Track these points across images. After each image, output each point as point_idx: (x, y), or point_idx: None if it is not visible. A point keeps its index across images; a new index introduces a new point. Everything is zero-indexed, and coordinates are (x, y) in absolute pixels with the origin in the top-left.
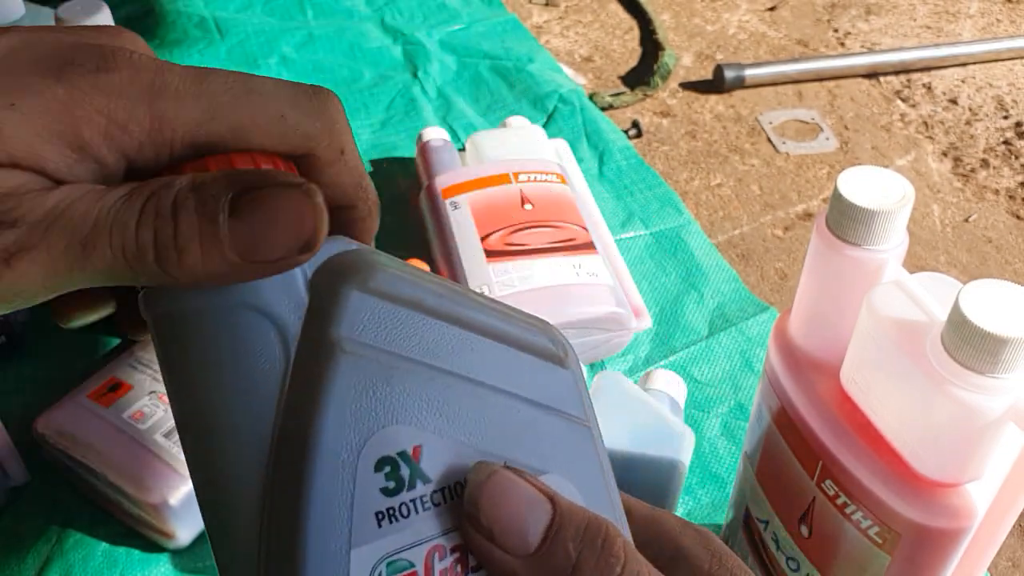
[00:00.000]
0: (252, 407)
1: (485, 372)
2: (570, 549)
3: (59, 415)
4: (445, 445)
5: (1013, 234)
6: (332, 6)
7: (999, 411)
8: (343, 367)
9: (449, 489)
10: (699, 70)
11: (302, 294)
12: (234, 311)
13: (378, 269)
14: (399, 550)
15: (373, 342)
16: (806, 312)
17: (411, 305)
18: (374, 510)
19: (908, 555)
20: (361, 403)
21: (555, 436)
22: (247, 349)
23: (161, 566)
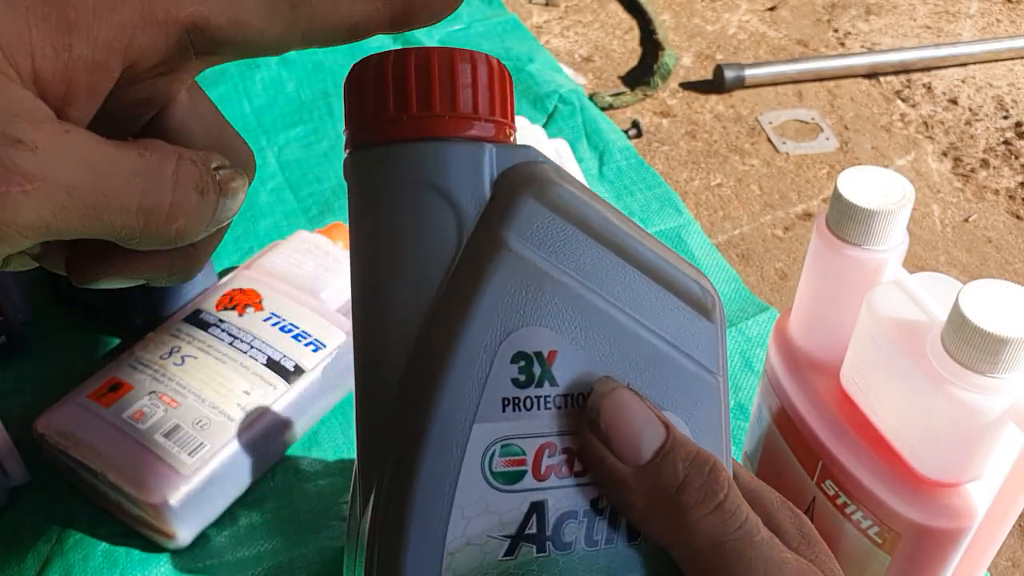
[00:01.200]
0: (421, 276)
1: (631, 303)
2: (679, 469)
3: (59, 415)
4: (578, 357)
5: (1013, 234)
6: None
7: (999, 411)
8: (505, 263)
9: (572, 397)
10: (699, 70)
11: (485, 191)
12: (423, 189)
13: (557, 185)
14: (515, 436)
15: (537, 249)
16: (806, 312)
17: (578, 224)
18: (502, 395)
19: (908, 555)
20: (514, 299)
21: (683, 380)
22: (428, 225)
23: (161, 566)
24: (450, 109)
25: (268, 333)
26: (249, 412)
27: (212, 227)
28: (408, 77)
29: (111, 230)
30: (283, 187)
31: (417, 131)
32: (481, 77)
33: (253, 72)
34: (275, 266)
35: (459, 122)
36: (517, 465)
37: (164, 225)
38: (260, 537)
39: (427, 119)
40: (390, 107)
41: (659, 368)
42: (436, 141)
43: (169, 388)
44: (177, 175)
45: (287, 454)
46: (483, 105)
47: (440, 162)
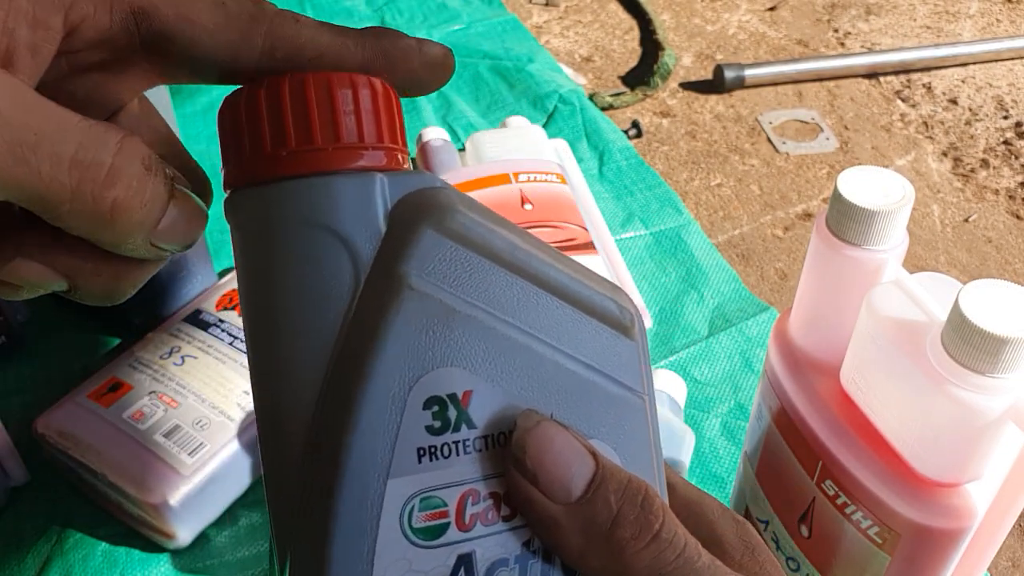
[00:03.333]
0: (316, 324)
1: (546, 330)
2: (611, 502)
3: (59, 415)
4: (495, 395)
5: (1013, 234)
6: (332, 6)
7: (999, 411)
8: (407, 303)
9: (493, 438)
10: (699, 70)
11: (380, 224)
12: (313, 230)
13: (457, 212)
14: (434, 487)
15: (440, 283)
16: (806, 312)
17: (483, 252)
18: (416, 445)
19: (908, 555)
20: (420, 340)
21: (608, 404)
22: (319, 268)
23: (161, 566)
24: (333, 140)
25: None
26: (249, 412)
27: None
28: (283, 108)
29: (36, 180)
30: None
31: (299, 167)
32: (364, 102)
33: None
34: None
35: (344, 153)
36: (439, 518)
37: (100, 190)
38: (260, 537)
39: (308, 153)
40: (267, 143)
41: (582, 395)
42: (320, 176)
43: (169, 388)
44: (122, 144)
45: None
46: (368, 132)
47: (327, 198)
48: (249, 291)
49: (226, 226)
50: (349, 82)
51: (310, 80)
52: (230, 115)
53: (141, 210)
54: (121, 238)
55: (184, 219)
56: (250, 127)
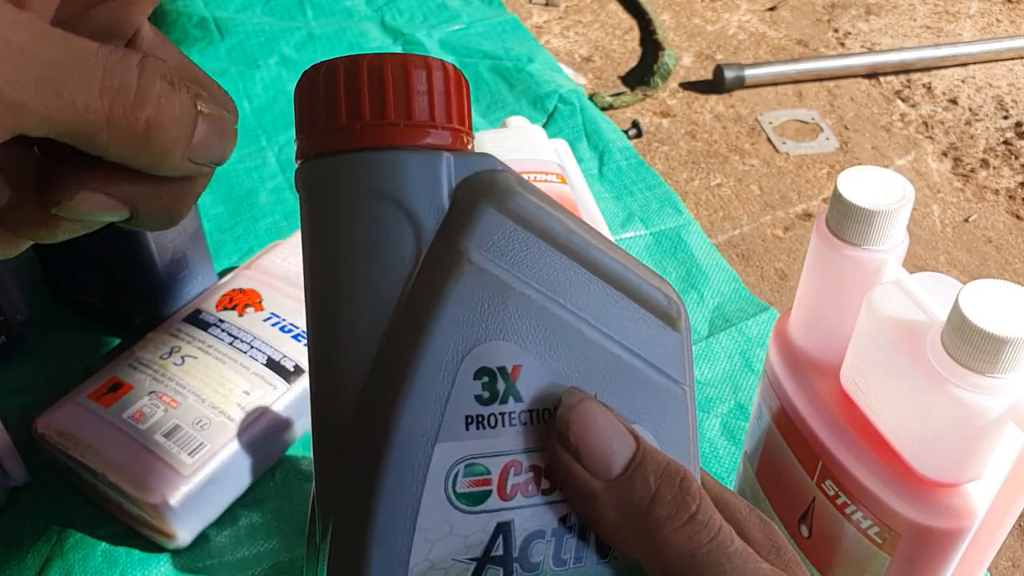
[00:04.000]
0: (378, 290)
1: (596, 314)
2: (650, 481)
3: (59, 415)
4: (543, 371)
5: (1013, 234)
6: (332, 6)
7: (999, 411)
8: (466, 276)
9: (538, 412)
10: (699, 70)
11: (443, 201)
12: (379, 200)
13: (517, 194)
14: (479, 455)
15: (498, 260)
16: (806, 312)
17: (540, 234)
18: (465, 413)
19: (908, 555)
20: (475, 313)
21: (650, 391)
22: (384, 237)
23: (161, 566)
24: (405, 117)
25: (268, 333)
26: (249, 412)
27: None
28: (361, 84)
29: (72, 112)
30: (283, 187)
31: (371, 140)
32: (437, 83)
33: (253, 72)
34: (275, 266)
35: (415, 130)
36: (482, 485)
37: (132, 112)
38: (260, 537)
39: (381, 128)
40: (342, 116)
41: (626, 380)
42: (391, 150)
43: (169, 388)
44: (143, 65)
45: (287, 454)
46: (439, 112)
47: (396, 172)
48: (314, 256)
49: (225, 226)
50: (424, 64)
51: (387, 59)
52: (308, 88)
53: (173, 126)
54: (160, 158)
55: (216, 132)
56: (327, 100)
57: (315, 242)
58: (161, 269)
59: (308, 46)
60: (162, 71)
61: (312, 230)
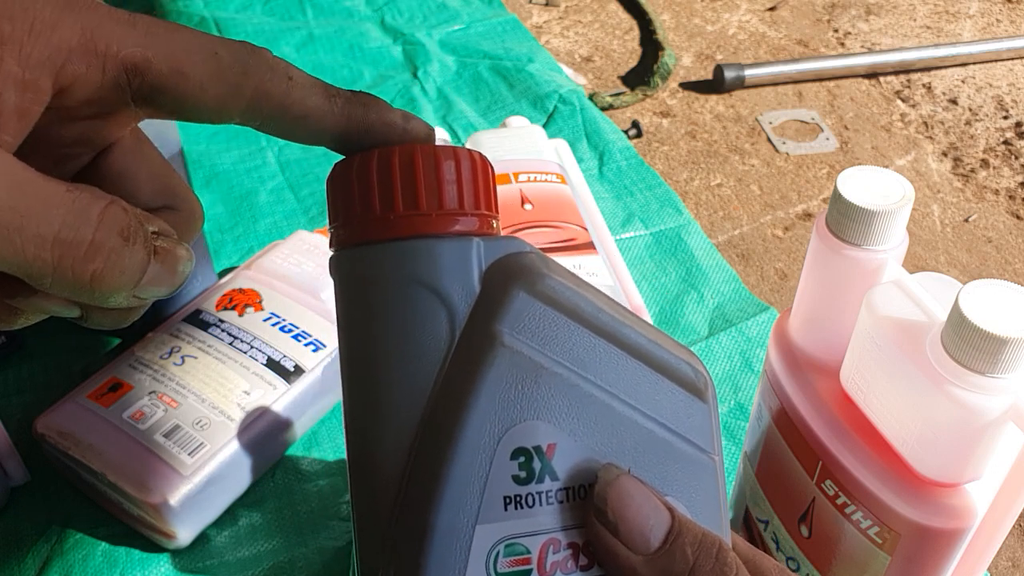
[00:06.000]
0: (414, 375)
1: (626, 390)
2: (688, 553)
3: (59, 415)
4: (577, 449)
5: (1013, 234)
6: (332, 6)
7: (999, 411)
8: (500, 359)
9: (574, 490)
10: (699, 70)
11: (475, 285)
12: (413, 286)
13: (546, 276)
14: (519, 535)
15: (530, 342)
16: (806, 312)
17: (570, 314)
18: (503, 494)
19: (908, 555)
20: (510, 394)
21: (681, 463)
22: (418, 322)
23: (161, 566)
24: (436, 207)
25: (268, 333)
26: (249, 412)
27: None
28: (393, 176)
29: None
30: (283, 187)
31: (405, 230)
32: (465, 172)
33: None
34: (275, 266)
35: (446, 219)
36: (522, 564)
37: (80, 264)
38: (260, 537)
39: (414, 218)
40: (376, 207)
41: (657, 452)
42: (424, 239)
43: (169, 388)
44: (103, 216)
45: (287, 454)
46: (468, 200)
47: (429, 259)
48: (351, 341)
49: (225, 226)
50: (453, 155)
51: (418, 152)
52: (341, 181)
53: (120, 277)
54: (103, 300)
55: (167, 271)
56: (361, 192)
57: (352, 328)
58: None
59: (308, 46)
60: (120, 225)
61: (348, 316)
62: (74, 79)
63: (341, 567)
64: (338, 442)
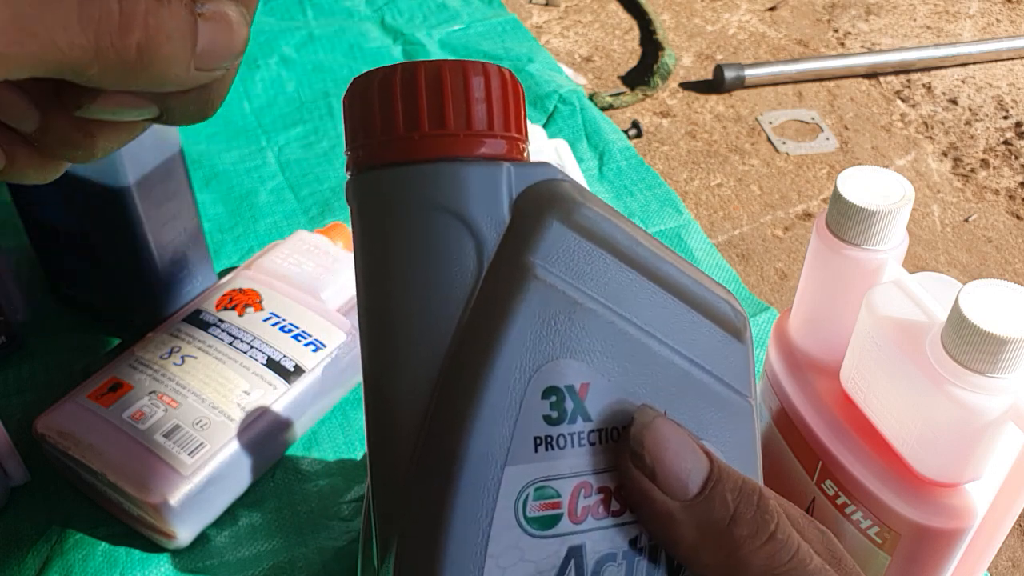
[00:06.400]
0: (438, 309)
1: (663, 328)
2: (728, 500)
3: (59, 415)
4: (611, 389)
5: (1013, 234)
6: (332, 6)
7: (999, 411)
8: (533, 292)
9: (607, 432)
10: (699, 70)
11: (505, 214)
12: (439, 213)
13: (581, 205)
14: (549, 477)
15: (564, 275)
16: (806, 312)
17: (606, 247)
18: (534, 434)
19: (908, 555)
20: (542, 330)
21: (717, 406)
22: (444, 252)
23: (161, 566)
24: (464, 127)
25: (268, 333)
26: (249, 412)
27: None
28: (419, 93)
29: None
30: (283, 187)
31: (430, 151)
32: (495, 90)
33: (253, 72)
34: (275, 266)
35: (474, 140)
36: (552, 509)
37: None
38: (260, 537)
39: (440, 138)
40: (400, 126)
41: (694, 394)
42: (451, 162)
43: (169, 388)
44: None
45: (287, 454)
46: (498, 121)
47: (457, 184)
48: (370, 273)
49: (225, 226)
50: (482, 71)
51: (445, 67)
52: (360, 97)
53: (169, 44)
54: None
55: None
56: (383, 109)
57: (370, 258)
58: (161, 269)
59: (308, 46)
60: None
61: (367, 245)
62: None
63: (341, 567)
64: (338, 442)
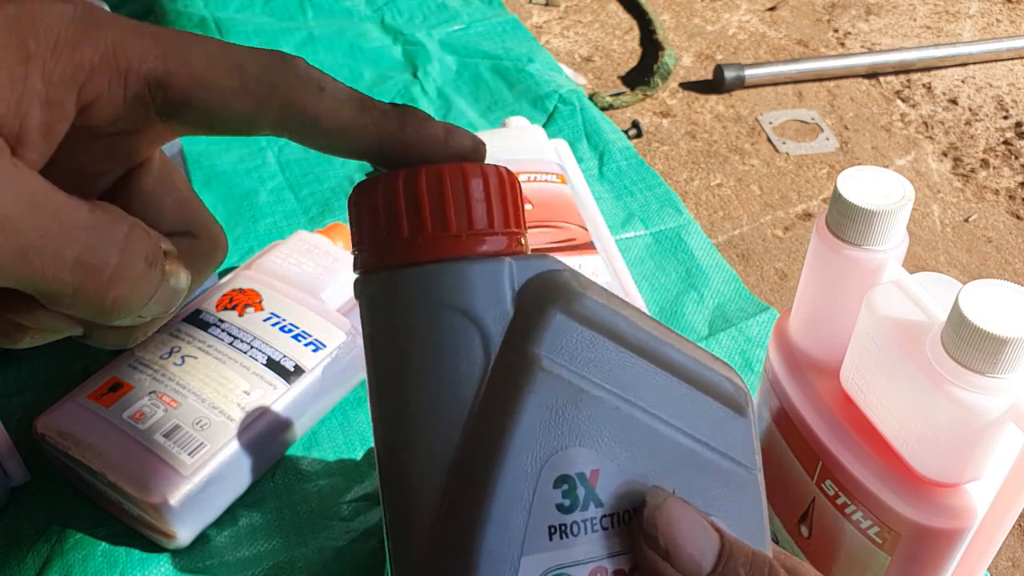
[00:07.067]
0: (449, 402)
1: (667, 409)
2: (741, 575)
3: (59, 415)
4: (620, 472)
5: (1013, 234)
6: (332, 6)
7: (999, 411)
8: (539, 384)
9: (618, 516)
10: (699, 70)
11: (508, 307)
12: (445, 310)
13: (582, 294)
14: (565, 565)
15: (569, 365)
16: (806, 312)
17: (608, 334)
18: (548, 523)
19: (908, 555)
20: (551, 420)
21: (723, 480)
22: (451, 348)
23: (161, 566)
24: (466, 227)
25: (268, 333)
26: (249, 412)
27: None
28: (421, 197)
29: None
30: (283, 187)
31: (434, 252)
32: (494, 189)
33: None
34: (275, 266)
35: (476, 239)
36: None
37: (102, 290)
38: (260, 537)
39: (444, 239)
40: (404, 229)
41: (700, 472)
42: (454, 261)
43: (169, 388)
44: (129, 239)
45: (287, 454)
46: (498, 218)
47: (461, 282)
48: (380, 367)
49: (225, 226)
50: (480, 172)
51: (446, 171)
52: (366, 201)
53: (140, 301)
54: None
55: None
56: (387, 214)
57: (381, 354)
58: None
59: (308, 46)
60: (146, 251)
61: (377, 342)
62: (97, 96)
63: (341, 567)
64: (338, 442)
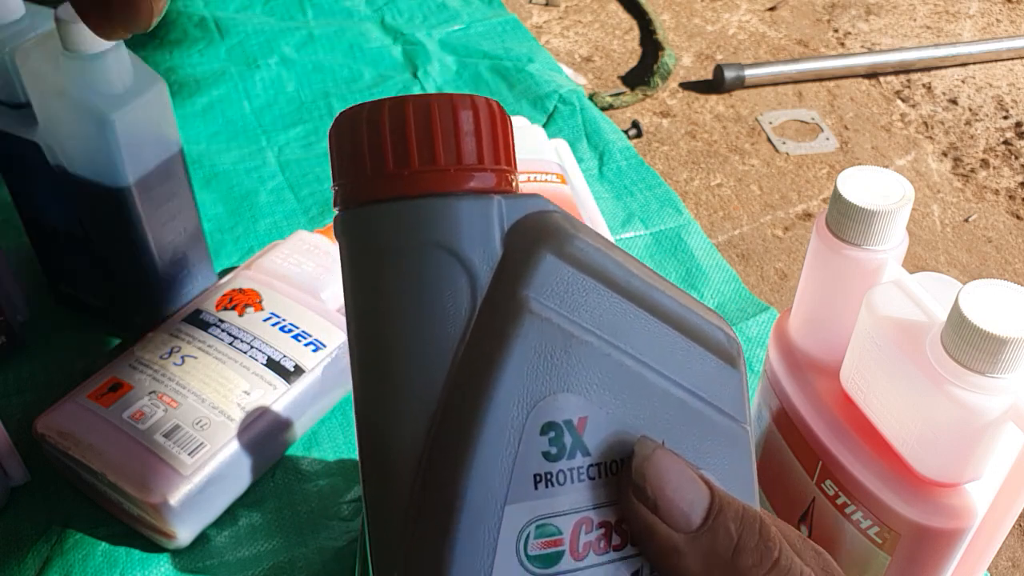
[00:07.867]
0: (432, 346)
1: (658, 357)
2: (731, 530)
3: (59, 415)
4: (609, 421)
5: (1013, 234)
6: (332, 6)
7: (999, 411)
8: (528, 327)
9: (606, 465)
10: (699, 70)
11: (497, 247)
12: (430, 249)
13: (573, 236)
14: (550, 515)
15: (558, 308)
16: (806, 312)
17: (599, 278)
18: (533, 472)
19: (908, 555)
20: (538, 365)
21: (713, 433)
22: (436, 288)
23: (161, 566)
24: (455, 161)
25: (268, 333)
26: (249, 412)
27: None
28: (408, 129)
29: None
30: (283, 187)
31: (421, 187)
32: (484, 123)
33: (253, 72)
34: (275, 266)
35: (465, 175)
36: (554, 546)
37: None
38: (260, 537)
39: (431, 174)
40: (389, 162)
41: (690, 423)
42: (442, 197)
43: (169, 388)
44: None
45: (287, 454)
46: (488, 154)
47: (448, 219)
48: (360, 310)
49: (225, 226)
50: (471, 104)
51: (434, 101)
52: (349, 132)
53: None
54: None
55: None
56: (371, 145)
57: (361, 296)
58: (161, 269)
59: (308, 46)
60: None
61: (357, 282)
62: None
63: (341, 567)
64: (338, 442)
